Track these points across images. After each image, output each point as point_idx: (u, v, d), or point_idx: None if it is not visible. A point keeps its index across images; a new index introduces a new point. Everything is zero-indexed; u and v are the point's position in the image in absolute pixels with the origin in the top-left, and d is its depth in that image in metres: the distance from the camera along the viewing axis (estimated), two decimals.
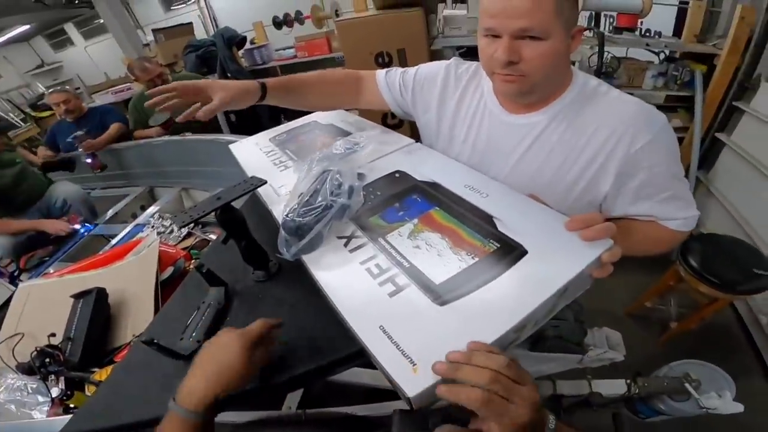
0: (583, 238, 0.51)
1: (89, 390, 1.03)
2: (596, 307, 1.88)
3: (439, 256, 0.53)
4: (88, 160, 2.40)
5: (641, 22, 2.40)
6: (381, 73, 0.94)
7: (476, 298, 0.47)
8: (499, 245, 0.54)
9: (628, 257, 0.62)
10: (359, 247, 0.57)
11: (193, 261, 1.49)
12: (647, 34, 2.34)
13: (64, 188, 2.36)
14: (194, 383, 0.52)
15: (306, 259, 0.56)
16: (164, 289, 1.26)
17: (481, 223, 0.58)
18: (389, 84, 0.92)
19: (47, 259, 2.06)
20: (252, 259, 0.74)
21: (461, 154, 0.84)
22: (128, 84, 4.24)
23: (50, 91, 2.77)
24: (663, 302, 1.94)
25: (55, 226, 2.08)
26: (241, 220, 0.66)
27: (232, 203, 0.64)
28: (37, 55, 9.19)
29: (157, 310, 1.19)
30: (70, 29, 8.63)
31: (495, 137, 0.80)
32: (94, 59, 8.53)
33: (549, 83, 0.71)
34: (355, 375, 1.07)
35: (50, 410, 1.05)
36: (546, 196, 0.71)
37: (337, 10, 3.09)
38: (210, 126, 2.75)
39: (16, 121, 5.39)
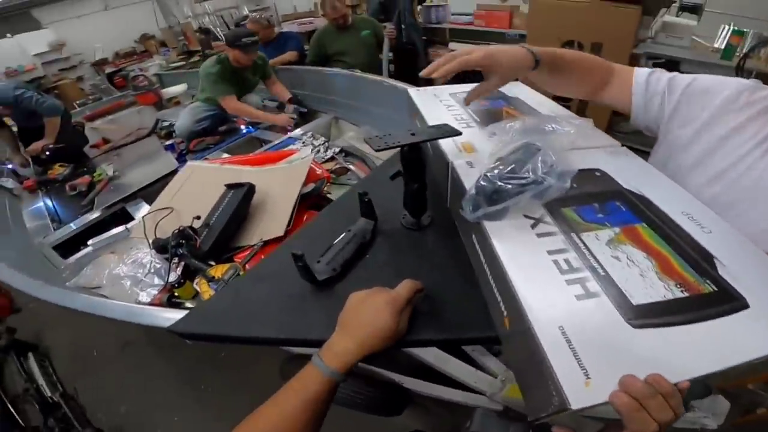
0: None
1: (199, 284, 1.05)
2: None
3: (642, 277, 0.46)
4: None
5: None
6: (643, 71, 0.79)
7: (677, 332, 0.42)
8: (716, 288, 0.46)
9: None
10: (548, 234, 0.52)
11: (330, 185, 1.57)
12: None
13: (251, 97, 2.73)
14: (345, 345, 0.51)
15: (488, 225, 0.53)
16: (300, 203, 1.28)
17: (697, 258, 0.49)
18: (649, 85, 0.76)
19: (212, 146, 2.41)
20: (414, 204, 0.73)
21: (706, 188, 0.68)
22: (311, 18, 4.60)
23: (246, 21, 3.17)
24: (766, 389, 1.61)
25: (283, 121, 2.40)
26: (423, 162, 0.65)
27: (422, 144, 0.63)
28: None
29: (290, 221, 1.21)
30: None
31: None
32: None
33: None
34: (418, 348, 1.03)
35: (157, 295, 1.09)
36: None
37: None
38: (373, 70, 2.89)
39: (220, 35, 6.32)
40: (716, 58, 2.17)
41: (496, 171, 0.52)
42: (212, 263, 1.10)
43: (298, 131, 2.21)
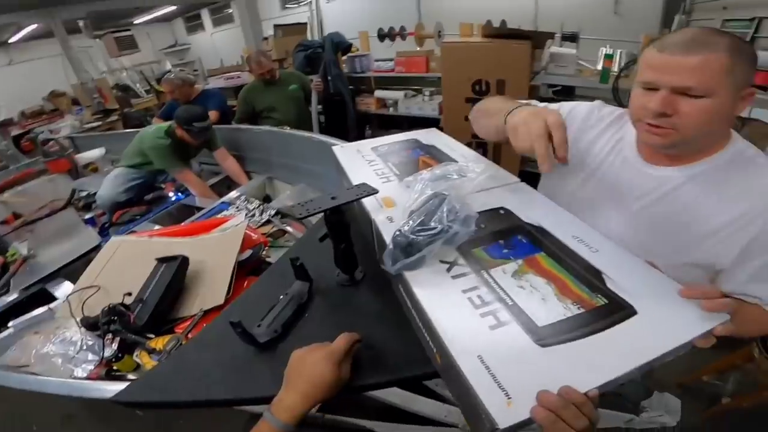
0: (706, 309, 0.49)
1: (140, 356, 1.04)
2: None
3: (543, 300, 0.53)
4: None
5: None
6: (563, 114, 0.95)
7: (578, 346, 0.47)
8: (607, 301, 0.53)
9: None
10: (462, 275, 0.57)
11: (268, 248, 1.56)
12: None
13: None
14: (292, 399, 0.56)
15: (408, 275, 0.58)
16: (237, 270, 1.27)
17: (589, 276, 0.57)
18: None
19: (138, 217, 2.25)
20: (344, 262, 0.78)
21: (580, 189, 0.85)
22: (239, 72, 4.65)
23: (164, 78, 3.10)
24: (721, 378, 1.81)
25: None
26: (347, 223, 0.70)
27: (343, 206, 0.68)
28: (173, 35, 10.41)
29: (230, 288, 1.20)
30: (205, 15, 9.69)
31: (624, 180, 0.79)
32: (215, 46, 9.51)
33: (699, 142, 0.69)
34: (386, 392, 1.06)
35: (94, 370, 1.05)
36: (659, 253, 0.69)
37: (440, 32, 3.16)
38: (303, 124, 2.93)
39: (140, 91, 6.12)
40: (597, 81, 2.49)
41: (408, 225, 0.57)
42: (151, 336, 1.07)
43: (232, 194, 2.17)
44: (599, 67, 2.56)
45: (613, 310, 0.51)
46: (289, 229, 1.80)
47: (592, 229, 0.66)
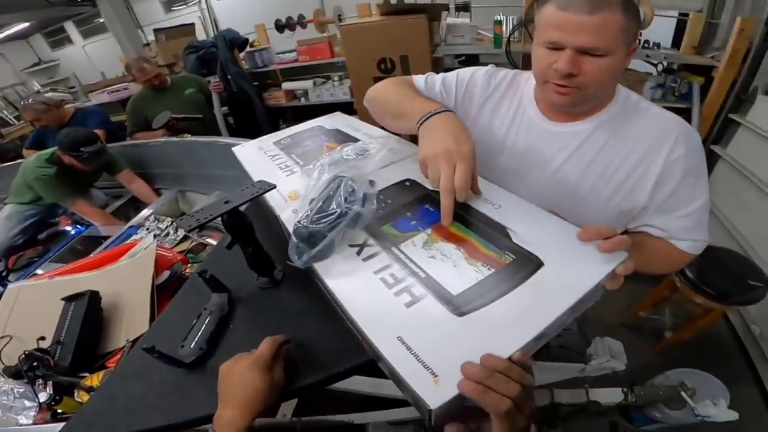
0: (601, 250, 0.50)
1: (79, 395, 1.01)
2: (591, 317, 1.89)
3: (455, 267, 0.52)
4: None
5: (641, 33, 2.44)
6: (419, 80, 0.90)
7: (495, 309, 0.47)
8: (515, 257, 0.53)
9: None
10: (372, 255, 0.55)
11: (190, 265, 1.47)
12: (646, 45, 2.37)
13: (93, 192, 2.34)
14: (230, 414, 0.53)
15: (318, 267, 0.55)
16: (160, 293, 1.24)
17: (495, 234, 0.57)
18: (429, 93, 0.88)
19: (36, 259, 2.02)
20: (257, 265, 0.73)
21: (496, 160, 0.84)
22: (125, 84, 4.19)
23: (22, 106, 2.70)
24: (658, 312, 1.97)
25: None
26: (248, 225, 0.64)
27: (240, 208, 0.63)
28: (34, 53, 9.11)
29: (152, 314, 1.17)
30: (70, 28, 8.57)
31: (534, 144, 0.80)
32: (91, 58, 8.49)
33: (598, 97, 0.73)
34: (353, 383, 1.05)
35: (38, 416, 1.03)
36: (585, 205, 0.73)
37: (340, 15, 3.09)
38: (209, 128, 2.73)
39: (9, 118, 5.31)
40: (491, 47, 2.60)
41: (307, 214, 0.54)
42: (85, 374, 1.05)
43: (141, 215, 1.97)
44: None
45: (522, 265, 0.52)
46: (210, 241, 1.68)
47: (493, 184, 0.68)
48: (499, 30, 2.52)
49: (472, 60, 3.00)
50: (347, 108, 2.96)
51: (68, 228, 2.18)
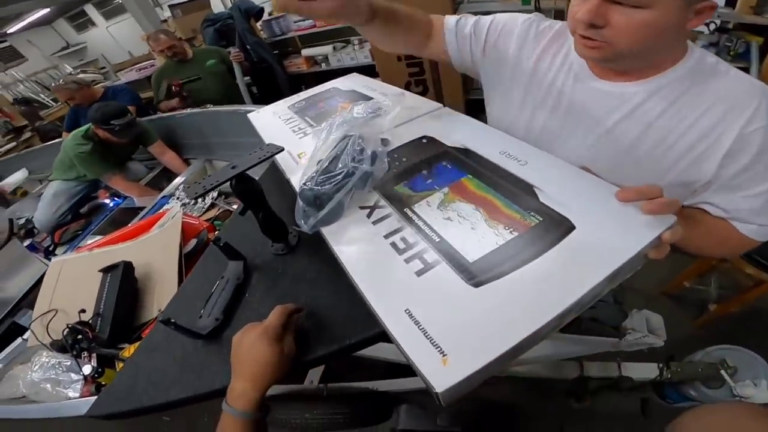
0: (646, 211, 0.44)
1: (119, 367, 1.04)
2: (631, 285, 1.79)
3: (473, 230, 0.47)
4: None
5: None
6: (451, 20, 0.81)
7: (516, 279, 0.41)
8: (541, 219, 0.47)
9: None
10: (384, 218, 0.51)
11: (216, 232, 1.49)
12: None
13: (134, 165, 2.43)
14: (241, 386, 0.53)
15: (325, 231, 0.52)
16: (188, 261, 1.25)
17: (520, 193, 0.51)
18: (459, 30, 0.80)
19: (80, 232, 2.13)
20: (270, 231, 0.71)
21: (534, 120, 0.75)
22: (151, 61, 4.24)
23: (54, 87, 2.78)
24: (703, 282, 1.81)
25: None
26: (258, 190, 0.62)
27: (248, 172, 0.60)
28: (61, 37, 9.38)
29: (180, 283, 1.18)
30: (90, 10, 8.76)
31: (580, 102, 0.70)
32: (116, 38, 8.65)
33: (644, 57, 0.61)
34: (377, 350, 1.04)
35: (84, 388, 1.08)
36: (639, 176, 0.63)
37: None
38: (233, 97, 2.75)
39: (46, 101, 5.51)
40: (519, 4, 2.40)
41: (312, 176, 0.50)
42: (124, 345, 1.08)
43: (171, 186, 2.02)
44: None
45: (549, 229, 0.46)
46: (235, 207, 1.70)
47: (518, 139, 0.61)
48: None
49: None
50: (369, 71, 2.86)
51: (107, 201, 2.28)
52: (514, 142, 0.62)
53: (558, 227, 0.46)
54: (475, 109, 0.71)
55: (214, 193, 1.81)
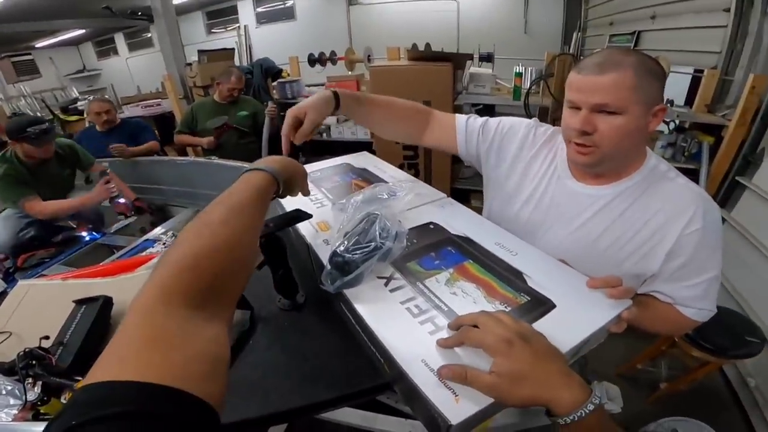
0: (610, 296, 0.57)
1: (68, 398, 0.99)
2: (590, 367, 1.88)
3: (475, 303, 0.58)
4: (121, 200, 2.23)
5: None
6: (462, 118, 0.99)
7: None
8: (529, 298, 0.59)
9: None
10: (399, 288, 0.60)
11: None
12: None
13: (79, 193, 2.33)
14: (273, 158, 0.64)
15: (348, 293, 0.60)
16: None
17: (512, 277, 0.63)
18: (468, 131, 0.97)
19: (48, 260, 2.02)
20: (284, 288, 0.77)
21: (522, 211, 0.90)
22: (158, 100, 4.41)
23: (93, 98, 2.86)
24: (654, 365, 1.99)
25: (100, 194, 2.05)
26: (284, 249, 0.70)
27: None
28: (81, 59, 9.59)
29: None
30: (119, 39, 9.07)
31: (560, 201, 0.85)
32: (131, 71, 8.92)
33: (621, 157, 0.77)
34: (345, 414, 1.05)
35: (18, 414, 1.02)
36: (600, 264, 0.76)
37: (369, 56, 3.28)
38: (243, 152, 2.82)
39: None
40: (511, 99, 2.72)
41: (343, 245, 0.59)
42: (79, 378, 1.01)
43: (157, 230, 2.02)
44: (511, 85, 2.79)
45: (536, 306, 0.57)
46: None
47: (511, 234, 0.73)
48: (519, 82, 2.64)
49: (488, 110, 3.10)
50: (366, 148, 3.04)
51: (84, 234, 2.20)
52: (507, 236, 0.73)
53: (542, 305, 0.57)
54: (460, 197, 0.86)
55: None
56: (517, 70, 2.70)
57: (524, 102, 2.57)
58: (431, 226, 0.76)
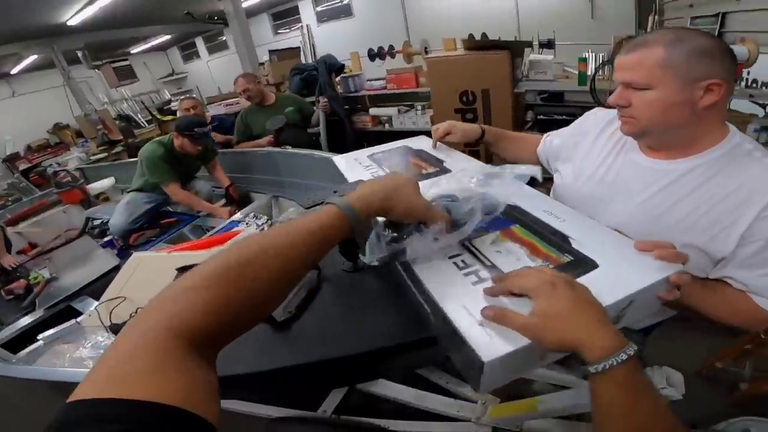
0: (656, 256, 0.57)
1: None
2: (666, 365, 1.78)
3: (518, 260, 0.63)
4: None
5: (747, 72, 2.28)
6: (543, 137, 1.16)
7: None
8: (573, 258, 0.62)
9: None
10: (447, 245, 0.67)
11: None
12: (753, 85, 2.21)
13: (200, 183, 2.76)
14: (372, 188, 0.59)
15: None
16: None
17: (557, 240, 0.66)
18: (547, 145, 1.14)
19: (154, 239, 2.42)
20: (347, 252, 0.87)
21: (583, 187, 0.93)
22: (237, 99, 4.78)
23: (183, 97, 3.25)
24: (736, 365, 1.78)
25: (223, 213, 2.41)
26: None
27: None
28: (170, 64, 10.60)
29: None
30: (200, 43, 9.89)
31: (625, 175, 0.86)
32: (212, 73, 9.73)
33: (672, 130, 0.76)
34: (397, 391, 1.11)
35: None
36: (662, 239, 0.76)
37: (426, 48, 3.32)
38: (308, 143, 3.06)
39: (142, 121, 6.27)
40: (576, 84, 2.62)
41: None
42: None
43: (239, 215, 2.26)
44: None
45: (578, 264, 0.60)
46: None
47: (561, 203, 0.77)
48: (583, 67, 2.55)
49: (556, 96, 3.02)
50: (427, 135, 3.11)
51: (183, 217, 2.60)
52: (556, 205, 0.77)
53: (585, 264, 0.60)
54: None
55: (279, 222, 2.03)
56: (583, 56, 2.62)
57: (590, 87, 2.47)
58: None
